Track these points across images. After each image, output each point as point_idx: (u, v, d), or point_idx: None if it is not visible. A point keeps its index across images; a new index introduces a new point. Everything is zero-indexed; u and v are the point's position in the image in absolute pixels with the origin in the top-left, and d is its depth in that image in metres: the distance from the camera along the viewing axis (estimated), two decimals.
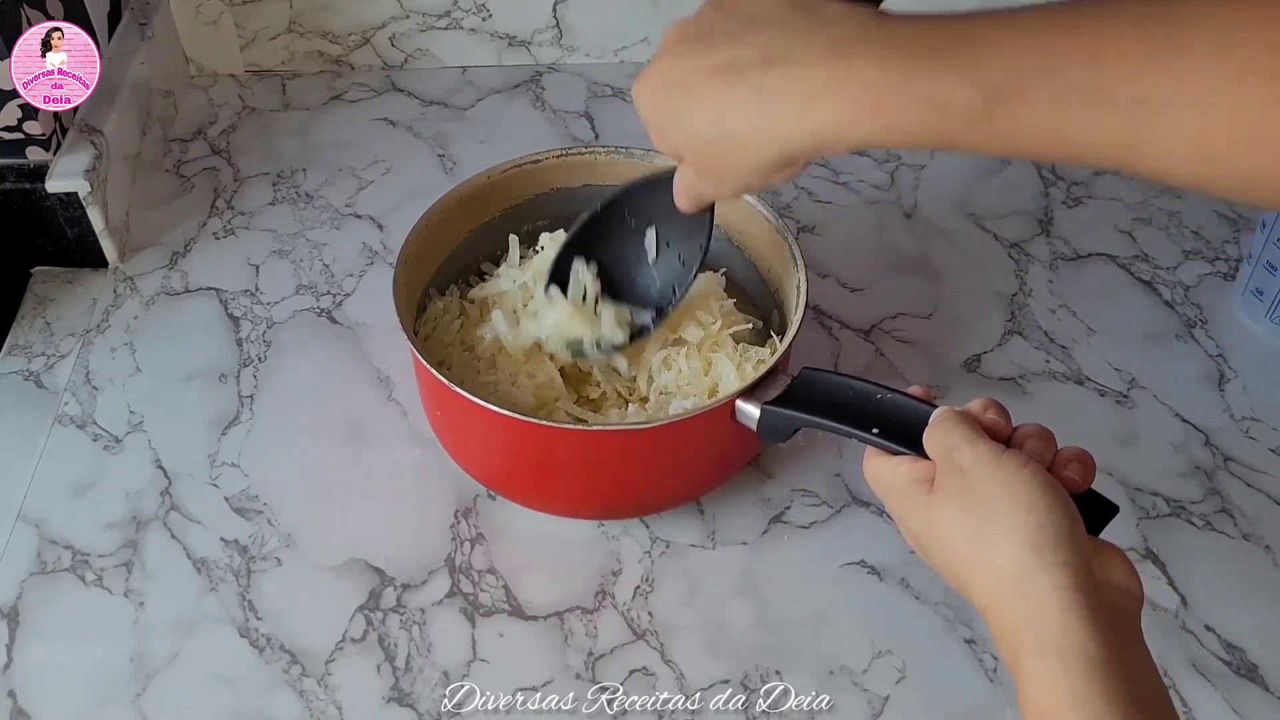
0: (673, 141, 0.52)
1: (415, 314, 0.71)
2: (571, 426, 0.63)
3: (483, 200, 0.75)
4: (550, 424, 0.62)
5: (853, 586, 0.68)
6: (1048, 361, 0.81)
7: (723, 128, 0.48)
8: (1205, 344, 0.82)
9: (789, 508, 0.72)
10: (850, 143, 0.45)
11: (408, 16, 1.00)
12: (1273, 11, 0.37)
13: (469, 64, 1.04)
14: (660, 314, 0.69)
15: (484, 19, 1.01)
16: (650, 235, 0.68)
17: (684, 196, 0.59)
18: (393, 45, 1.02)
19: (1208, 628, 0.66)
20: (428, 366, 0.63)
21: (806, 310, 0.67)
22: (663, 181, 0.62)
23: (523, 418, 0.61)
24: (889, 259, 0.88)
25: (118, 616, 0.65)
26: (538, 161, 0.75)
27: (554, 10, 1.01)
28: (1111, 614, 0.44)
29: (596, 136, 0.98)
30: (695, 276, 0.68)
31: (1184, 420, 0.77)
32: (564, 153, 0.76)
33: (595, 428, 0.62)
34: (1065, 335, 0.82)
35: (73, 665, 0.63)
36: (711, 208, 0.64)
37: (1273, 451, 0.75)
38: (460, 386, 0.61)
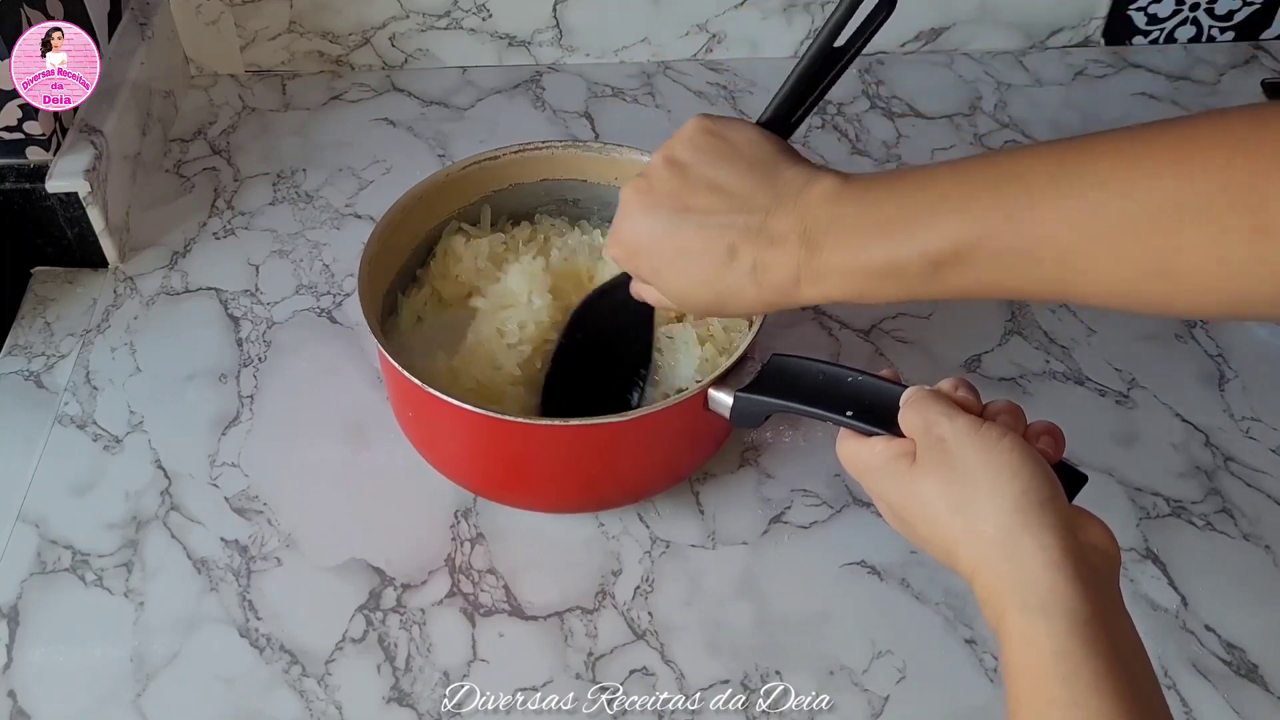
0: (661, 290, 0.58)
1: (381, 313, 0.71)
2: (546, 422, 0.62)
3: (442, 198, 0.75)
4: (525, 421, 0.62)
5: (853, 586, 0.68)
6: (1048, 361, 0.81)
7: (715, 297, 0.55)
8: (1205, 344, 0.82)
9: (789, 508, 0.72)
10: (830, 302, 0.53)
11: (408, 16, 1.00)
12: (1164, 169, 0.43)
13: (469, 64, 1.04)
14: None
15: (484, 19, 1.01)
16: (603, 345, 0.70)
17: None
18: (393, 45, 1.02)
19: (1208, 628, 0.66)
20: (396, 366, 0.62)
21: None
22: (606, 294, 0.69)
23: (497, 415, 0.61)
24: None
25: (118, 616, 0.65)
26: (496, 158, 0.75)
27: (554, 10, 1.01)
28: (1093, 575, 0.45)
29: (597, 136, 0.98)
30: (650, 364, 0.70)
31: (1184, 420, 0.77)
32: (521, 148, 0.76)
33: (570, 422, 0.61)
34: (1065, 335, 0.82)
35: (73, 665, 0.63)
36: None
37: (1273, 451, 0.75)
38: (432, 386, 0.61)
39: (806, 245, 0.51)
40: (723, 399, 0.62)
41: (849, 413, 0.54)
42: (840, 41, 0.56)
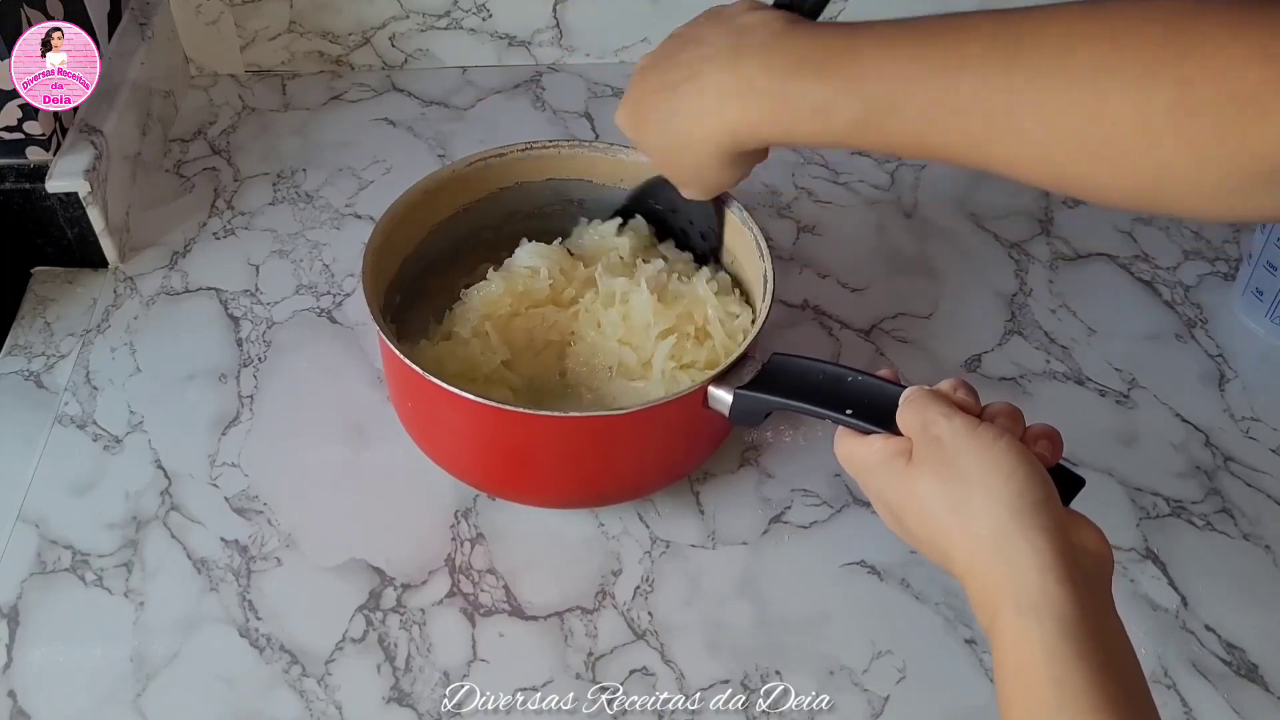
0: (648, 153, 0.64)
1: (384, 306, 0.71)
2: (546, 413, 0.62)
3: (447, 194, 0.75)
4: (525, 411, 0.61)
5: (853, 586, 0.68)
6: (1048, 361, 0.81)
7: (668, 136, 0.60)
8: (1205, 344, 0.82)
9: (789, 508, 0.72)
10: (763, 139, 0.55)
11: (408, 16, 1.00)
12: (1101, 31, 0.44)
13: (469, 64, 1.04)
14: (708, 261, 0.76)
15: (484, 19, 1.01)
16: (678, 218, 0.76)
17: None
18: (393, 45, 1.02)
19: (1208, 628, 0.66)
20: (397, 353, 0.62)
21: (774, 299, 0.67)
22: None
23: (498, 405, 0.61)
24: (889, 259, 0.88)
25: (118, 616, 0.65)
26: (501, 155, 0.75)
27: (554, 10, 1.01)
28: (1085, 578, 0.45)
29: (597, 136, 0.98)
30: (721, 235, 0.74)
31: (1184, 420, 0.77)
32: (528, 146, 0.76)
33: (569, 414, 0.62)
34: (1065, 335, 0.82)
35: (73, 665, 0.63)
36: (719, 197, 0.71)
37: (1273, 451, 0.75)
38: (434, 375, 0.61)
39: (735, 65, 0.53)
40: (722, 396, 0.62)
41: (848, 411, 0.54)
42: None
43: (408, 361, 0.62)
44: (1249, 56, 0.40)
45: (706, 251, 0.76)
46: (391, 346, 0.63)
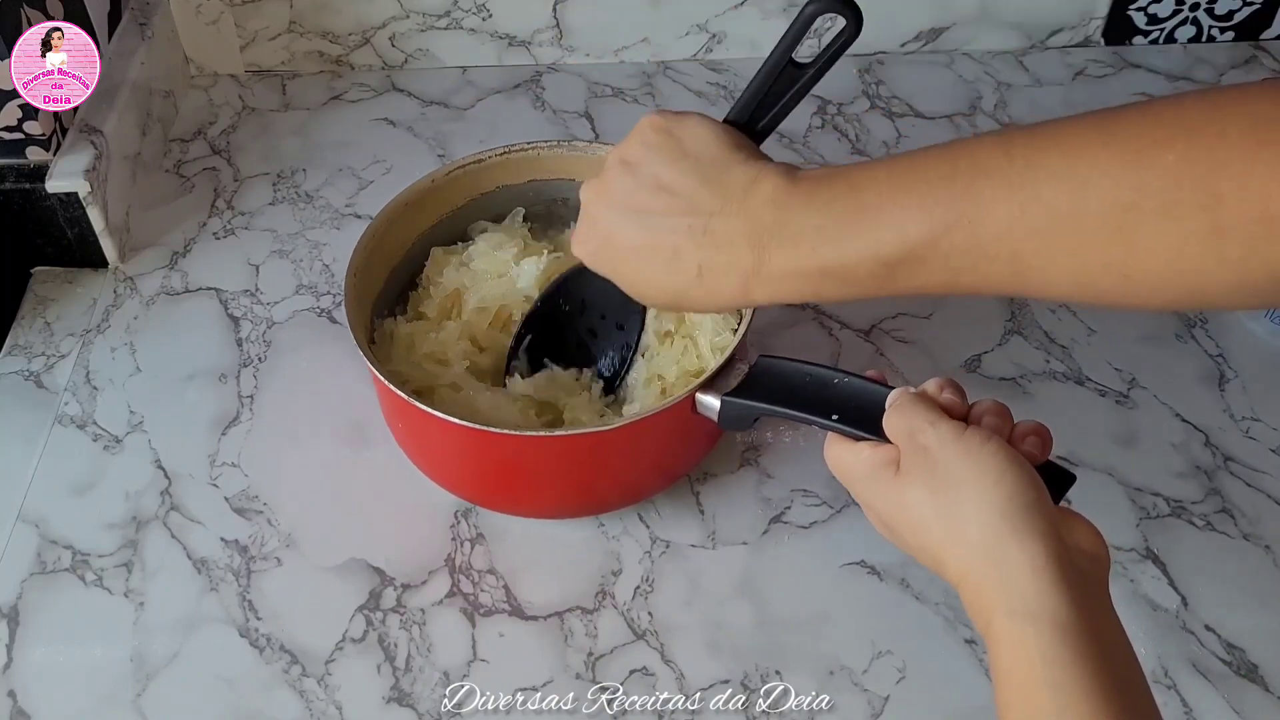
0: (622, 286, 0.57)
1: (369, 326, 0.71)
2: (533, 433, 0.62)
3: (428, 204, 0.74)
4: (511, 432, 0.62)
5: (853, 586, 0.68)
6: (1048, 361, 0.81)
7: (669, 297, 0.55)
8: (1205, 344, 0.82)
9: (789, 508, 0.72)
10: (777, 303, 0.53)
11: (408, 16, 1.00)
12: (1116, 164, 0.42)
13: (469, 64, 1.04)
14: (611, 381, 0.71)
15: (484, 19, 1.01)
16: (589, 316, 0.71)
17: None
18: (393, 45, 1.02)
19: (1208, 628, 0.66)
20: (384, 380, 0.62)
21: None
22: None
23: (486, 428, 0.61)
24: None
25: (118, 616, 0.66)
26: (481, 161, 0.75)
27: (554, 10, 1.01)
28: (1081, 579, 0.45)
29: (597, 136, 0.98)
30: (640, 339, 0.70)
31: (1184, 420, 0.77)
32: (507, 150, 0.75)
33: (557, 433, 0.62)
34: (1065, 335, 0.82)
35: (73, 665, 0.63)
36: None
37: (1273, 451, 0.75)
38: (423, 402, 0.61)
39: (754, 249, 0.51)
40: (710, 403, 0.61)
41: (834, 416, 0.54)
42: (804, 58, 0.55)
43: (395, 389, 0.61)
44: (1274, 176, 0.39)
45: (614, 367, 0.71)
46: (379, 374, 0.63)
